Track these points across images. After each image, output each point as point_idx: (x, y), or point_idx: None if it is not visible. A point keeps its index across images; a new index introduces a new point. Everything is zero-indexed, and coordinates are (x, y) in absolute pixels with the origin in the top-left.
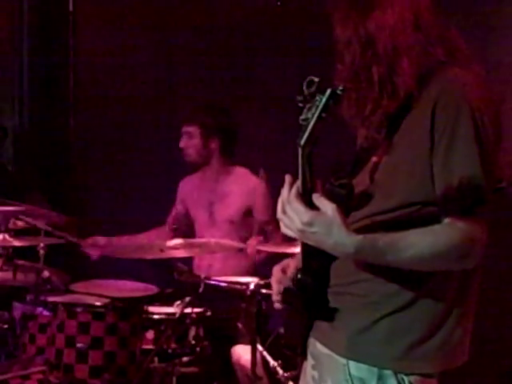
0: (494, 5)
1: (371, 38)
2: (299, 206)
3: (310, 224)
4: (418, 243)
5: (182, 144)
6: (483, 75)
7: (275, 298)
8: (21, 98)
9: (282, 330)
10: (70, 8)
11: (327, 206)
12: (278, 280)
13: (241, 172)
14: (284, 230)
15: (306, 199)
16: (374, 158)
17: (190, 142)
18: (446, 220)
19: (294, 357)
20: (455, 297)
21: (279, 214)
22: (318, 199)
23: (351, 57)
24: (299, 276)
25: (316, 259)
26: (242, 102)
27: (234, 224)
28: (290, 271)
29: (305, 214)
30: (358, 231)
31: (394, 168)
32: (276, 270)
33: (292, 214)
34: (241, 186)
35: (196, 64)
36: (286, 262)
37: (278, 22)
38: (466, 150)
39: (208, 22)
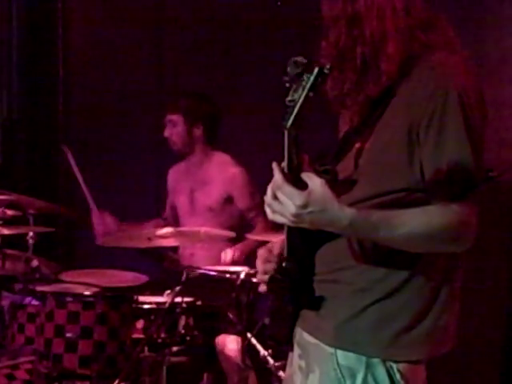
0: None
1: (358, 17)
2: (291, 190)
3: (305, 205)
4: (412, 221)
5: (166, 133)
6: (470, 60)
7: (259, 277)
8: (9, 88)
9: (266, 321)
10: None
11: (316, 182)
12: (265, 259)
13: (221, 159)
14: (272, 216)
15: (292, 179)
16: (358, 144)
17: (174, 129)
18: (439, 203)
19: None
20: (440, 283)
21: (269, 200)
22: (308, 175)
23: (337, 35)
24: (284, 264)
25: (300, 247)
26: (229, 91)
27: (214, 211)
28: (276, 249)
29: (298, 197)
30: None
31: (378, 154)
32: (262, 250)
33: (284, 199)
34: (220, 174)
35: (185, 53)
36: (271, 242)
37: (267, 16)
38: (455, 135)
39: (197, 15)
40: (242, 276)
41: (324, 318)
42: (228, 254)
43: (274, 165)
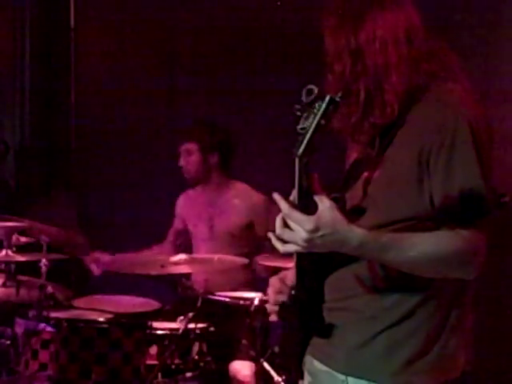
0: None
1: (361, 50)
2: (300, 216)
3: (316, 229)
4: (421, 244)
5: (181, 162)
6: (472, 90)
7: (271, 308)
8: (22, 113)
9: (276, 349)
10: (72, 25)
11: (326, 204)
12: (277, 290)
13: (241, 187)
14: (284, 248)
15: (302, 205)
16: (366, 173)
17: (190, 158)
18: (450, 228)
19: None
20: (449, 309)
21: (278, 230)
22: (319, 198)
23: (341, 69)
24: (293, 292)
25: (310, 274)
26: (242, 116)
27: (235, 237)
28: (289, 280)
29: (308, 222)
30: None
31: (387, 182)
32: (274, 280)
33: (294, 226)
34: (243, 201)
35: (197, 80)
36: (283, 273)
37: (279, 35)
38: (466, 162)
39: (209, 42)
40: (256, 302)
41: (335, 345)
42: None
43: (276, 195)
